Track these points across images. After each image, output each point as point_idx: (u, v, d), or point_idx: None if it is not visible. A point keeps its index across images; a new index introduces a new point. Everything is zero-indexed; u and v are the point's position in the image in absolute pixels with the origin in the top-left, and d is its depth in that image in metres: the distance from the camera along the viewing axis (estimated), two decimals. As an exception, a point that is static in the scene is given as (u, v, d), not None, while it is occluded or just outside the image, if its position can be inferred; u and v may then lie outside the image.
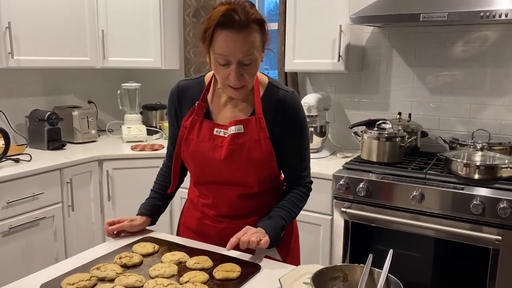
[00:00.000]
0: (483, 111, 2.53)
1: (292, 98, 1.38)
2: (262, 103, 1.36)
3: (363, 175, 2.22)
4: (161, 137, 3.27)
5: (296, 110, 1.38)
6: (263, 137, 1.33)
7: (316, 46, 2.59)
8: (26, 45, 2.59)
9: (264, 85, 1.39)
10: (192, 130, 1.38)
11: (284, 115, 1.36)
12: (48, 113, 2.77)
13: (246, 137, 1.33)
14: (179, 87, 1.45)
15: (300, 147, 1.42)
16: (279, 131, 1.36)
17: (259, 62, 1.29)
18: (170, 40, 3.18)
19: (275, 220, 1.35)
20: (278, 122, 1.36)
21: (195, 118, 1.38)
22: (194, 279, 1.14)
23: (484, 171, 2.04)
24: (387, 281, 0.95)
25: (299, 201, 1.44)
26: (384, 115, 2.75)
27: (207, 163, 1.36)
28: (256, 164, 1.34)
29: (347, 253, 2.29)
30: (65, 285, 1.10)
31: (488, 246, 1.95)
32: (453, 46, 2.56)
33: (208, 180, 1.40)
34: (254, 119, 1.34)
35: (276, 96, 1.37)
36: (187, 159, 1.40)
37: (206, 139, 1.36)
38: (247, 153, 1.32)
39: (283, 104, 1.36)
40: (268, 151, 1.34)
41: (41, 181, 2.36)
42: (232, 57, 1.22)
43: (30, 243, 2.34)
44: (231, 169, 1.34)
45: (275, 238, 1.31)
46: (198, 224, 1.48)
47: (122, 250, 1.33)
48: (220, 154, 1.33)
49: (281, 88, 1.39)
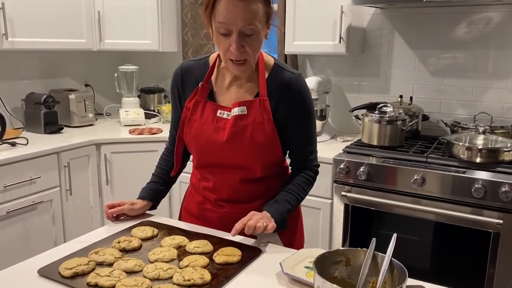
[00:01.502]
0: (485, 94, 2.50)
1: (298, 80, 1.34)
2: (267, 84, 1.32)
3: (364, 159, 2.20)
4: (159, 120, 3.24)
5: (301, 93, 1.34)
6: (267, 120, 1.30)
7: (317, 27, 2.54)
8: (21, 26, 2.53)
9: (269, 66, 1.35)
10: (195, 111, 1.34)
11: (289, 97, 1.32)
12: (45, 96, 2.73)
13: (249, 119, 1.30)
14: (183, 68, 1.41)
15: (305, 131, 1.38)
16: (284, 114, 1.33)
17: (262, 36, 1.25)
18: (168, 22, 3.12)
19: (281, 204, 1.33)
20: (283, 104, 1.32)
21: (198, 99, 1.34)
22: (194, 263, 1.13)
23: (486, 155, 2.02)
24: (391, 265, 0.93)
25: (306, 184, 1.41)
26: (385, 98, 2.72)
27: (209, 145, 1.33)
28: (259, 147, 1.30)
29: (347, 237, 2.28)
30: (63, 270, 1.08)
31: (489, 230, 1.94)
32: (456, 27, 2.51)
33: (210, 162, 1.37)
34: (258, 100, 1.30)
35: (281, 78, 1.33)
36: (189, 140, 1.37)
37: (209, 120, 1.32)
38: (250, 135, 1.29)
39: (288, 86, 1.32)
40: (272, 134, 1.31)
41: (38, 165, 2.34)
42: (233, 26, 1.18)
43: (28, 227, 2.33)
44: (234, 152, 1.31)
45: (280, 223, 1.29)
46: (199, 209, 1.46)
47: (120, 234, 1.31)
48: (222, 136, 1.30)
49: (287, 70, 1.35)
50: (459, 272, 2.06)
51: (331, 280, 0.91)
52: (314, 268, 0.89)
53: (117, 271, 1.08)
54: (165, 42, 3.10)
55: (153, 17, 3.01)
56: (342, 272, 0.98)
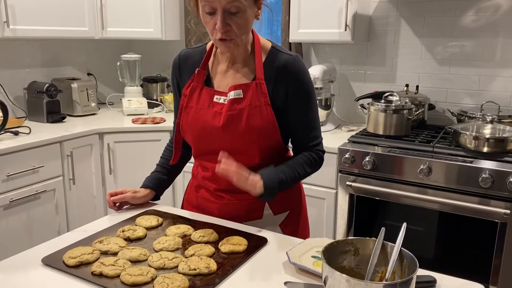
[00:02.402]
0: (493, 82, 2.46)
1: (295, 61, 1.29)
2: (264, 68, 1.29)
3: (369, 148, 2.18)
4: (162, 110, 3.21)
5: (299, 75, 1.29)
6: (264, 103, 1.26)
7: (322, 15, 2.50)
8: (22, 14, 2.50)
9: (266, 50, 1.32)
10: (192, 98, 1.32)
11: (287, 80, 1.28)
12: (47, 85, 2.71)
13: (245, 102, 1.26)
14: (181, 56, 1.40)
15: (306, 114, 1.33)
16: (282, 98, 1.29)
17: (250, 15, 1.21)
18: (171, 9, 3.08)
19: (274, 171, 1.27)
20: (280, 87, 1.28)
21: (194, 85, 1.32)
22: (200, 252, 1.11)
23: (493, 144, 1.99)
24: (401, 255, 0.91)
25: (306, 164, 1.34)
26: (391, 87, 2.69)
27: (206, 132, 1.30)
28: (257, 132, 1.27)
29: (351, 227, 2.27)
30: (67, 259, 1.07)
31: (496, 220, 1.92)
32: (464, 15, 2.47)
33: (207, 150, 1.34)
34: (255, 83, 1.27)
35: (278, 61, 1.29)
36: (186, 127, 1.34)
37: (206, 106, 1.30)
38: (246, 119, 1.26)
39: (285, 68, 1.28)
40: (270, 118, 1.27)
41: (41, 154, 2.32)
42: (217, 3, 1.15)
43: (31, 217, 2.32)
44: (230, 137, 1.28)
45: (269, 188, 1.23)
46: (200, 200, 1.44)
47: (125, 223, 1.29)
48: (218, 121, 1.27)
49: (284, 52, 1.31)
50: (465, 262, 2.04)
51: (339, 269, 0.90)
52: (323, 258, 0.87)
53: (122, 260, 1.06)
54: (168, 30, 3.06)
55: (156, 5, 2.97)
56: (350, 262, 0.97)
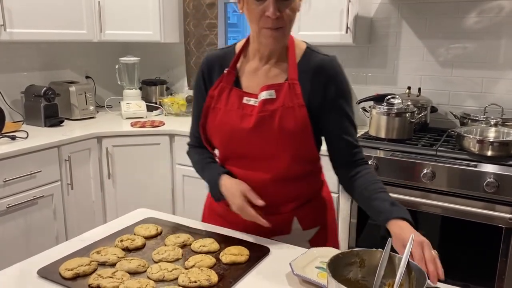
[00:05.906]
0: (496, 85, 2.43)
1: (332, 62, 1.22)
2: (298, 69, 1.22)
3: (371, 152, 2.15)
4: (161, 113, 3.18)
5: (336, 76, 1.22)
6: (298, 105, 1.19)
7: (323, 17, 2.47)
8: (20, 17, 2.47)
9: (301, 50, 1.25)
10: (220, 99, 1.26)
11: (322, 81, 1.21)
12: (45, 89, 2.67)
13: (278, 103, 1.19)
14: (207, 59, 1.32)
15: (344, 119, 1.24)
16: (318, 101, 1.21)
17: (298, 5, 1.17)
18: (170, 12, 3.05)
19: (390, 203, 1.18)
20: (316, 90, 1.21)
21: (223, 86, 1.26)
22: (200, 264, 1.08)
23: (497, 148, 1.96)
24: (408, 267, 0.88)
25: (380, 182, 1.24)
26: (393, 89, 2.66)
27: (235, 134, 1.23)
28: (290, 135, 1.19)
29: (353, 232, 2.23)
30: (63, 271, 1.04)
31: (501, 225, 1.89)
32: (466, 16, 2.44)
33: (236, 154, 1.27)
34: (288, 84, 1.20)
35: (314, 62, 1.22)
36: (213, 129, 1.27)
37: (235, 107, 1.23)
38: (279, 121, 1.18)
39: (321, 69, 1.21)
40: (303, 120, 1.19)
41: (38, 159, 2.29)
42: None
43: (29, 222, 2.29)
44: (261, 140, 1.20)
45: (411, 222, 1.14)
46: (225, 210, 1.31)
47: (123, 232, 1.26)
48: (249, 123, 1.20)
49: (320, 53, 1.25)
50: (469, 267, 2.01)
51: (344, 282, 0.86)
52: (328, 271, 0.84)
53: (120, 272, 1.03)
54: (167, 33, 3.03)
55: (155, 7, 2.94)
56: (356, 274, 0.94)
